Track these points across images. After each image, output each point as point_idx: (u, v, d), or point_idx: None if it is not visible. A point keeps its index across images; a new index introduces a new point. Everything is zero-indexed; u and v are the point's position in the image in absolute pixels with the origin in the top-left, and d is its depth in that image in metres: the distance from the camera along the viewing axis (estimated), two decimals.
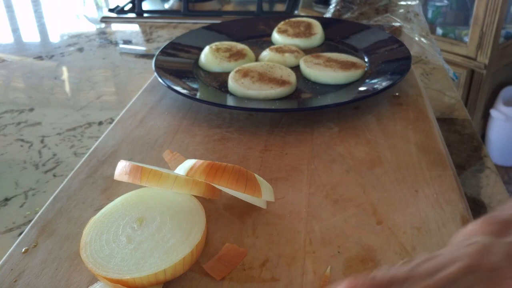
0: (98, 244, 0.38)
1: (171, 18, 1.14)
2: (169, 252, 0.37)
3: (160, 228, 0.39)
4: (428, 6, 2.09)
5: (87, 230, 0.40)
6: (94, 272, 0.36)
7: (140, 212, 0.41)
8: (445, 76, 0.81)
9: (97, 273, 0.36)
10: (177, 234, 0.38)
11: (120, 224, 0.40)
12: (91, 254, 0.37)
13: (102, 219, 0.41)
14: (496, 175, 0.56)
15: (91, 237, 0.39)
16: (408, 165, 0.51)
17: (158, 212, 0.41)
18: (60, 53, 0.98)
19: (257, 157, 0.55)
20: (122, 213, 0.41)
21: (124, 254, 0.37)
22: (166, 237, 0.38)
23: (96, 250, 0.38)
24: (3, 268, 0.41)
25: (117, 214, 0.41)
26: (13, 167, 0.60)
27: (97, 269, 0.36)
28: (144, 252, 0.37)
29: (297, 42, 0.81)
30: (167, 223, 0.40)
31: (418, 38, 0.89)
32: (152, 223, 0.40)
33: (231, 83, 0.66)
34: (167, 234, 0.38)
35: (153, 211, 0.41)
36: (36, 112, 0.74)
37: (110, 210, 0.42)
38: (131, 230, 0.39)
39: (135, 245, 0.38)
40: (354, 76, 0.68)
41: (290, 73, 0.68)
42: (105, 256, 0.37)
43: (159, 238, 0.38)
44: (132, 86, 0.81)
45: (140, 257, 0.37)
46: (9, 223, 0.50)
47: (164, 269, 0.36)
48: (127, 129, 0.62)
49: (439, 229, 0.42)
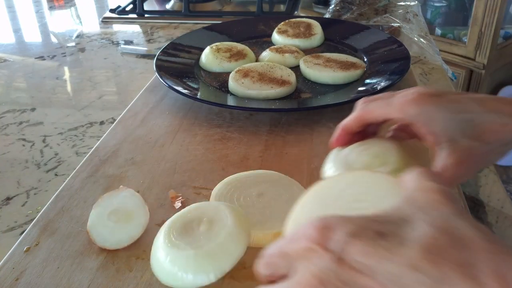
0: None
1: (172, 19, 1.15)
2: None
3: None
4: (427, 7, 2.09)
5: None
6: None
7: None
8: (444, 76, 0.81)
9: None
10: None
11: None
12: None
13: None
14: (495, 174, 0.56)
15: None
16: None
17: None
18: (61, 53, 0.98)
19: (257, 156, 0.55)
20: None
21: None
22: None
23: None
24: (4, 266, 0.41)
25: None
26: (15, 167, 0.60)
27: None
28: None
29: (297, 42, 0.81)
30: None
31: (417, 38, 0.89)
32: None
33: (231, 83, 0.67)
34: None
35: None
36: (38, 111, 0.74)
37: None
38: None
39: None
40: (353, 76, 0.69)
41: (290, 73, 0.69)
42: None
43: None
44: (133, 86, 0.81)
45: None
46: (11, 222, 0.51)
47: None
48: (129, 129, 0.62)
49: None
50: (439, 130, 0.34)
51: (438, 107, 0.35)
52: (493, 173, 0.57)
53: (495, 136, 0.34)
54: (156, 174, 0.53)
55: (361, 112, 0.38)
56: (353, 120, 0.39)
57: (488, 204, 0.52)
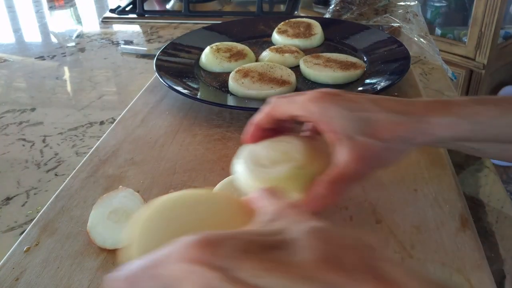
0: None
1: (172, 19, 1.15)
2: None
3: None
4: (427, 7, 2.09)
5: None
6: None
7: None
8: (444, 76, 0.81)
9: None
10: None
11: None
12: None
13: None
14: (495, 174, 0.56)
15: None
16: (407, 164, 0.51)
17: None
18: (61, 53, 0.98)
19: None
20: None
21: None
22: None
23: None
24: (4, 266, 0.41)
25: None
26: (15, 167, 0.60)
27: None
28: None
29: (297, 42, 0.81)
30: None
31: (417, 38, 0.89)
32: None
33: (231, 83, 0.67)
34: None
35: None
36: (38, 111, 0.74)
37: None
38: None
39: None
40: (353, 76, 0.69)
41: (290, 73, 0.69)
42: None
43: None
44: (133, 86, 0.81)
45: None
46: (11, 222, 0.51)
47: None
48: (128, 129, 0.62)
49: (438, 228, 0.42)
50: (338, 128, 0.36)
51: (336, 106, 0.37)
52: (493, 173, 0.57)
53: (390, 133, 0.36)
54: (156, 174, 0.53)
55: (269, 108, 0.40)
56: (262, 115, 0.41)
57: (488, 204, 0.52)
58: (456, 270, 0.38)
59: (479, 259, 0.39)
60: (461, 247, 0.40)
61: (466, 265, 0.39)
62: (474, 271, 0.38)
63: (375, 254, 0.23)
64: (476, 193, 0.53)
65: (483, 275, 0.38)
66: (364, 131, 0.36)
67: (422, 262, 0.39)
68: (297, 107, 0.38)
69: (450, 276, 0.38)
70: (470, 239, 0.41)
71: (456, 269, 0.38)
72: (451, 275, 0.38)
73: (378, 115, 0.36)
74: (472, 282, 0.37)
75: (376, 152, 0.36)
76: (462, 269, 0.38)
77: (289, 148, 0.40)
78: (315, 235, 0.23)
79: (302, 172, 0.38)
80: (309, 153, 0.39)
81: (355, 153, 0.36)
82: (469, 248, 0.40)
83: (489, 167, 0.58)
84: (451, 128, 0.36)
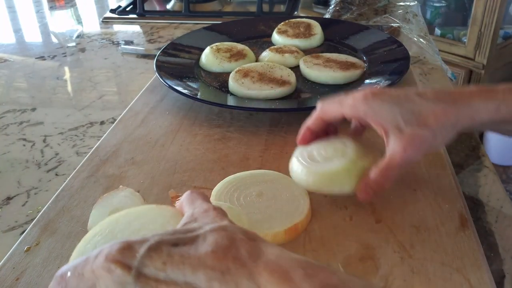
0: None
1: (172, 19, 1.15)
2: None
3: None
4: (427, 7, 2.10)
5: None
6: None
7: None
8: (443, 76, 0.82)
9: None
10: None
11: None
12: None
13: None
14: (494, 174, 0.56)
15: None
16: None
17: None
18: (62, 53, 0.98)
19: (257, 156, 0.55)
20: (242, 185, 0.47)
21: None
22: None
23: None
24: (5, 266, 0.41)
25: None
26: (15, 166, 0.60)
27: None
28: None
29: (297, 42, 0.81)
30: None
31: (417, 38, 0.89)
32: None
33: (231, 83, 0.67)
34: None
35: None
36: (39, 111, 0.74)
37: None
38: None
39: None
40: (353, 76, 0.69)
41: (290, 73, 0.69)
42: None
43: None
44: (134, 86, 0.81)
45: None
46: (11, 222, 0.51)
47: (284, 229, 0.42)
48: (129, 129, 0.62)
49: (437, 228, 0.43)
50: (385, 121, 0.41)
51: (384, 102, 0.41)
52: (493, 173, 0.57)
53: (438, 121, 0.40)
54: (156, 174, 0.53)
55: (320, 112, 0.45)
56: (313, 120, 0.46)
57: (487, 204, 0.52)
58: (456, 269, 0.38)
59: (478, 258, 0.39)
60: (460, 247, 0.40)
61: (465, 265, 0.39)
62: (473, 271, 0.38)
63: (262, 244, 0.27)
64: (476, 193, 0.53)
65: (482, 274, 0.38)
66: (413, 121, 0.40)
67: (422, 261, 0.39)
68: (347, 108, 0.43)
69: (450, 276, 0.38)
70: (470, 239, 0.41)
71: (455, 269, 0.38)
72: (451, 275, 0.38)
73: (425, 105, 0.40)
74: (471, 281, 0.37)
75: (424, 139, 0.40)
76: (461, 269, 0.38)
77: (340, 145, 0.44)
78: (218, 231, 0.27)
79: (353, 166, 0.42)
80: (359, 149, 0.44)
81: (405, 141, 0.40)
82: (468, 248, 0.40)
83: (489, 167, 0.58)
84: (494, 112, 0.40)
